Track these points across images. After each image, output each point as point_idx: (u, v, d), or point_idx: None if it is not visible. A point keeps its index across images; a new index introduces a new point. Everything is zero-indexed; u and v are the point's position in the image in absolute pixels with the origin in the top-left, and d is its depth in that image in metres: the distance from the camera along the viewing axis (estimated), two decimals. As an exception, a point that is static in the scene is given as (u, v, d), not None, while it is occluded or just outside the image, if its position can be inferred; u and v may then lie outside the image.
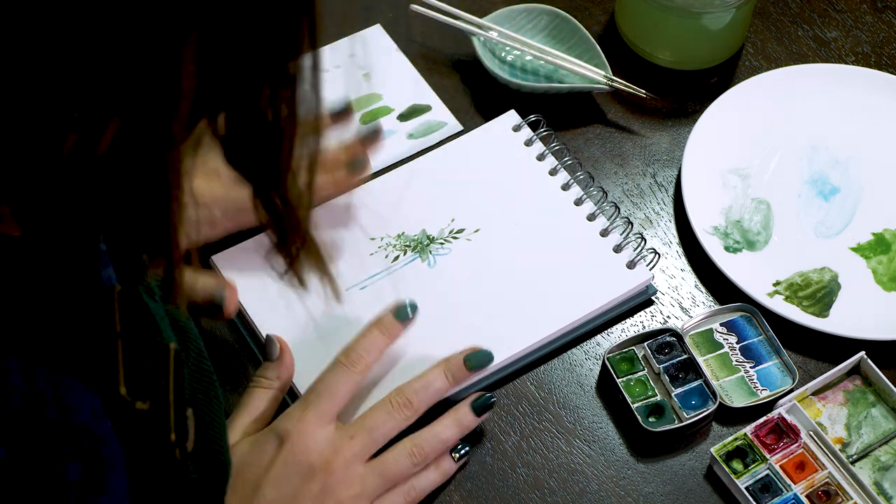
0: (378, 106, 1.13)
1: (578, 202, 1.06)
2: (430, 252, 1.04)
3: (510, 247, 1.04)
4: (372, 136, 1.05)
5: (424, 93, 1.14)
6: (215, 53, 0.55)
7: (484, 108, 1.14)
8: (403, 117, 1.12)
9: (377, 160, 1.09)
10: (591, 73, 1.13)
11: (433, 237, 1.05)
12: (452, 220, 1.05)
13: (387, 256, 1.03)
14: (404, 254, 1.04)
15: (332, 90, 1.13)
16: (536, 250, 1.04)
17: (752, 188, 1.10)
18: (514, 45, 1.15)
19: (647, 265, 1.04)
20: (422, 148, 1.11)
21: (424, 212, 1.06)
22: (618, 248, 1.04)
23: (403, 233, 1.05)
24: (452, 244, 1.04)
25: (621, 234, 1.05)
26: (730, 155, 1.11)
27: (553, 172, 1.08)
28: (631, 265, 1.03)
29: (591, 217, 1.05)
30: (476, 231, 1.05)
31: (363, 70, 1.15)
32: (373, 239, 1.04)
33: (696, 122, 1.12)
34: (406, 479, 0.92)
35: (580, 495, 0.96)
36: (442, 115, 1.13)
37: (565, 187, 1.07)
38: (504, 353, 0.99)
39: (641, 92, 1.13)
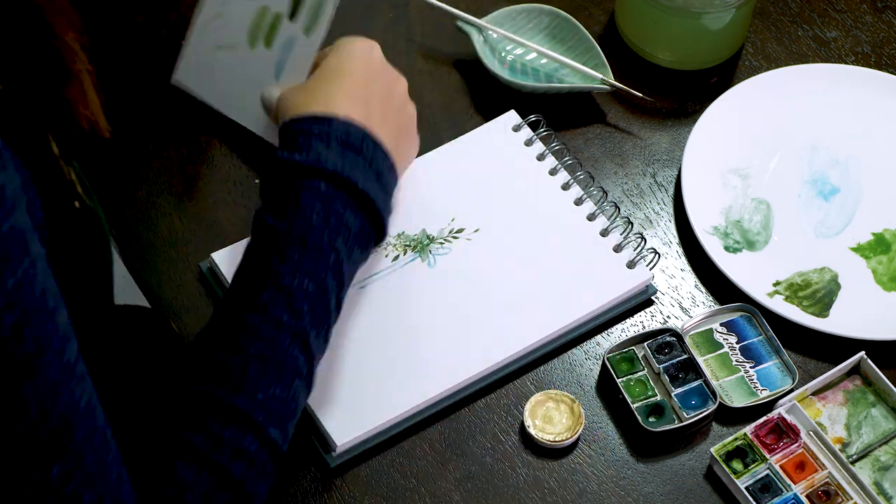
0: (269, 21, 1.04)
1: (578, 202, 1.06)
2: (430, 252, 1.04)
3: (510, 246, 1.04)
4: None
5: None
6: None
7: (484, 109, 1.14)
8: (292, 14, 1.03)
9: None
10: (591, 73, 1.13)
11: (433, 237, 1.05)
12: (452, 220, 1.05)
13: (387, 256, 1.03)
14: (404, 253, 1.04)
15: (227, 31, 1.05)
16: (536, 250, 1.04)
17: (752, 188, 1.10)
18: (515, 45, 1.15)
19: (647, 265, 1.04)
20: (320, 38, 1.03)
21: (424, 211, 1.06)
22: (618, 248, 1.04)
23: (403, 232, 1.05)
24: (452, 244, 1.04)
25: (621, 234, 1.05)
26: (730, 155, 1.11)
27: (553, 172, 1.08)
28: (631, 265, 1.03)
29: (591, 217, 1.05)
30: (476, 231, 1.05)
31: None
32: None
33: (696, 122, 1.12)
34: None
35: (580, 495, 0.96)
36: None
37: (565, 187, 1.07)
38: (504, 352, 0.99)
39: (640, 95, 1.13)
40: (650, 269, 1.04)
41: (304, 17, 1.02)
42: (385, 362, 0.98)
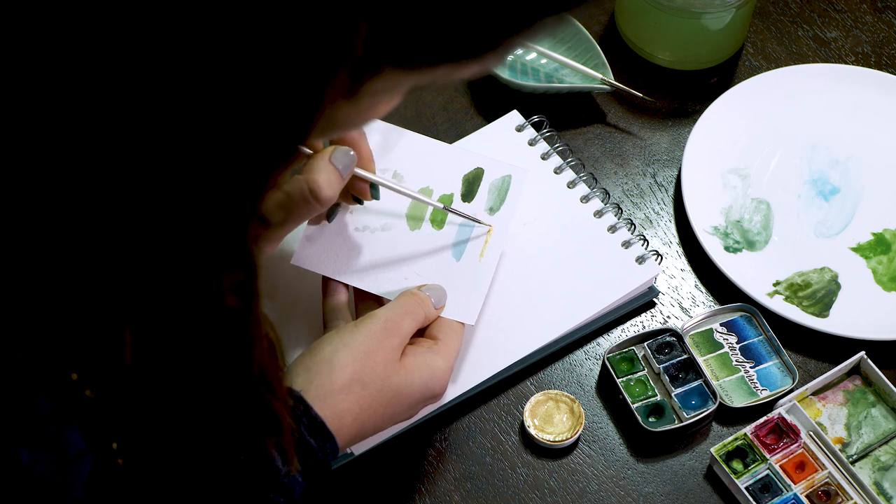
0: (437, 200, 1.00)
1: (585, 199, 1.06)
2: None
3: (520, 247, 1.04)
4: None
5: (458, 156, 1.03)
6: None
7: (484, 109, 1.14)
8: (467, 196, 1.01)
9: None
10: (591, 73, 1.13)
11: None
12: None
13: None
14: None
15: (373, 213, 0.99)
16: (546, 249, 1.04)
17: (752, 188, 1.10)
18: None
19: (655, 261, 1.04)
20: (511, 212, 1.00)
21: None
22: (626, 244, 1.03)
23: None
24: None
25: (629, 231, 1.04)
26: (730, 155, 1.11)
27: (558, 171, 1.07)
28: (640, 260, 1.03)
29: (599, 214, 1.05)
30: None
31: (391, 173, 1.02)
32: None
33: (696, 122, 1.12)
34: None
35: (580, 495, 0.96)
36: (493, 165, 1.01)
37: (571, 185, 1.07)
38: (516, 353, 0.99)
39: (640, 95, 1.13)
40: (658, 264, 1.03)
41: (484, 197, 0.99)
42: None
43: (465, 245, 0.98)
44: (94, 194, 0.56)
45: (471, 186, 1.01)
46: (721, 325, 1.02)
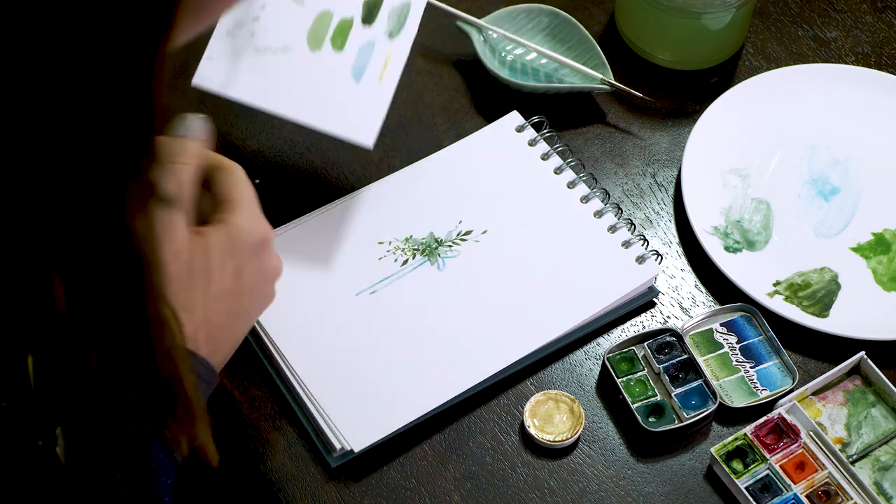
0: (336, 25, 1.01)
1: (585, 200, 1.06)
2: (439, 255, 1.04)
3: (519, 247, 1.04)
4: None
5: None
6: None
7: (484, 109, 1.14)
8: (368, 19, 1.02)
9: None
10: (591, 73, 1.13)
11: (441, 240, 1.04)
12: (460, 223, 1.05)
13: (395, 260, 1.03)
14: (413, 257, 1.03)
15: (274, 34, 0.98)
16: (546, 249, 1.04)
17: (752, 188, 1.10)
18: (515, 45, 1.15)
19: (655, 261, 1.04)
20: (410, 36, 1.00)
21: (432, 214, 1.05)
22: (626, 244, 1.04)
23: (411, 236, 1.04)
24: (461, 246, 1.04)
25: (628, 230, 1.05)
26: (730, 155, 1.11)
27: (558, 171, 1.07)
28: (640, 260, 1.03)
29: (599, 214, 1.05)
30: (484, 232, 1.05)
31: None
32: (381, 243, 1.04)
33: (696, 122, 1.12)
34: None
35: (580, 495, 0.96)
36: None
37: (571, 185, 1.07)
38: (517, 352, 0.99)
39: (640, 95, 1.13)
40: (658, 264, 1.03)
41: (384, 21, 1.01)
42: (397, 366, 0.98)
43: (365, 67, 0.98)
44: None
45: (371, 10, 1.01)
46: (721, 325, 1.02)
